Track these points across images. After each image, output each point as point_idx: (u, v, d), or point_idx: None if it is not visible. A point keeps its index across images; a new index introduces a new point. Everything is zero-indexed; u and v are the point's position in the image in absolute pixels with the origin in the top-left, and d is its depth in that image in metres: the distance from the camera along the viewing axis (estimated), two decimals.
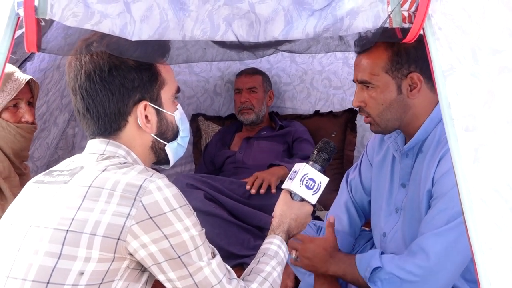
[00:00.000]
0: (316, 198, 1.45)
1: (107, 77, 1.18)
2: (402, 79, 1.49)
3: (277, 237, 1.39)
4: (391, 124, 1.54)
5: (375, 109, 1.53)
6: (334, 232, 1.70)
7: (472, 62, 1.06)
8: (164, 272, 1.11)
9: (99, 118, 1.21)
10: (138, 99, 1.22)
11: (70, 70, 1.23)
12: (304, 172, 1.44)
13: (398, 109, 1.51)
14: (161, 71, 1.25)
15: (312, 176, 1.44)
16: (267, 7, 1.07)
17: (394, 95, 1.50)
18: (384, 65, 1.48)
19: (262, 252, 1.36)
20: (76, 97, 1.22)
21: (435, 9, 1.07)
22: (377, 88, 1.50)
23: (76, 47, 1.18)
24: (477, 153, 1.03)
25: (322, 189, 1.45)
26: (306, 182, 1.43)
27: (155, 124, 1.26)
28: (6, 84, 1.74)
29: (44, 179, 1.19)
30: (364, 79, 1.51)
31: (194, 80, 3.18)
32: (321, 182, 1.45)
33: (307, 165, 1.45)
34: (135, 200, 1.06)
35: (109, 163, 1.15)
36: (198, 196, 2.30)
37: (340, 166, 3.05)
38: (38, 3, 1.02)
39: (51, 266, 1.03)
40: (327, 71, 3.08)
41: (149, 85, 1.22)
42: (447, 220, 1.42)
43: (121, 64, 1.18)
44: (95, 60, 1.18)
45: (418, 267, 1.44)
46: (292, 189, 1.44)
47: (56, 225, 1.06)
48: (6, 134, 1.79)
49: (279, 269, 1.33)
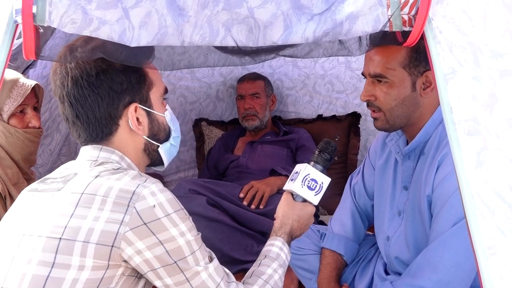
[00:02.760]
0: (318, 198, 1.44)
1: (95, 81, 1.17)
2: (418, 76, 1.47)
3: (279, 239, 1.38)
4: (400, 121, 1.53)
5: (387, 104, 1.50)
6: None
7: (474, 66, 1.05)
8: (160, 278, 1.10)
9: (90, 124, 1.20)
10: (128, 101, 1.21)
11: (55, 78, 1.21)
12: (306, 173, 1.42)
13: (409, 106, 1.50)
14: (148, 72, 1.24)
15: (314, 177, 1.43)
16: (266, 11, 1.06)
17: (408, 91, 1.48)
18: (402, 60, 1.46)
19: (263, 255, 1.34)
20: (64, 105, 1.21)
21: (435, 12, 1.06)
22: (391, 83, 1.48)
23: (60, 54, 1.16)
24: (479, 157, 1.02)
25: (324, 189, 1.44)
26: (308, 183, 1.42)
27: (146, 126, 1.25)
28: (13, 91, 1.76)
29: (38, 187, 1.18)
30: (379, 72, 1.49)
31: (197, 85, 3.18)
32: (323, 183, 1.43)
33: (308, 165, 1.44)
34: (129, 206, 1.05)
35: (103, 169, 1.14)
36: (200, 201, 2.29)
37: (344, 170, 3.05)
38: (36, 10, 1.02)
39: (45, 275, 1.02)
40: (329, 75, 3.08)
41: (137, 87, 1.22)
42: (450, 227, 1.40)
43: (108, 67, 1.17)
44: (81, 65, 1.17)
45: (428, 281, 1.42)
46: (294, 190, 1.43)
47: (49, 233, 1.05)
48: (15, 140, 1.80)
49: (281, 272, 1.31)
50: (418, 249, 1.53)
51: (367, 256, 1.85)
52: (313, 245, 1.89)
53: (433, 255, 1.42)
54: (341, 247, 1.82)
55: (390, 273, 1.70)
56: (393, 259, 1.64)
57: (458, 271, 1.39)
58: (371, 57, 1.51)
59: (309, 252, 1.88)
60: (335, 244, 1.83)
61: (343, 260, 1.82)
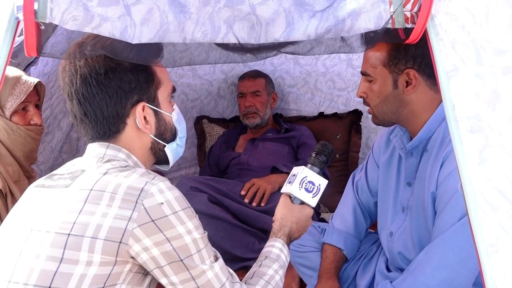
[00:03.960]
0: (316, 200, 1.45)
1: (104, 80, 1.17)
2: (399, 74, 1.50)
3: (279, 240, 1.39)
4: (388, 117, 1.57)
5: (373, 101, 1.57)
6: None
7: (476, 63, 1.04)
8: (166, 275, 1.11)
9: (98, 122, 1.20)
10: (136, 100, 1.21)
11: (64, 75, 1.22)
12: (303, 175, 1.44)
13: (394, 103, 1.53)
14: (156, 71, 1.24)
15: (311, 179, 1.44)
16: (268, 8, 1.06)
17: (390, 89, 1.52)
18: (383, 59, 1.51)
19: (264, 255, 1.35)
20: (72, 102, 1.22)
21: (438, 9, 1.06)
22: (375, 80, 1.54)
23: (69, 51, 1.16)
24: (482, 154, 1.02)
25: (321, 191, 1.45)
26: (305, 185, 1.43)
27: (153, 125, 1.25)
28: (15, 88, 1.76)
29: (45, 183, 1.18)
30: (364, 70, 1.56)
31: (198, 83, 3.18)
32: (320, 185, 1.44)
33: (305, 168, 1.45)
34: (137, 203, 1.06)
35: (110, 166, 1.15)
36: (202, 199, 2.30)
37: (345, 168, 3.04)
38: (38, 7, 1.02)
39: (53, 271, 1.03)
40: (331, 72, 3.07)
41: (146, 86, 1.22)
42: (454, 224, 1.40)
43: (117, 66, 1.18)
44: (90, 63, 1.18)
45: (432, 279, 1.42)
46: (291, 192, 1.44)
47: (58, 229, 1.06)
48: (17, 137, 1.81)
49: (281, 272, 1.32)
50: (422, 245, 1.53)
51: (369, 253, 1.85)
52: (315, 242, 1.89)
53: (436, 252, 1.42)
54: (341, 242, 1.82)
55: (392, 269, 1.70)
56: (396, 255, 1.65)
57: (462, 268, 1.39)
58: (364, 55, 1.57)
59: (310, 249, 1.88)
60: (335, 238, 1.83)
61: (342, 254, 1.82)
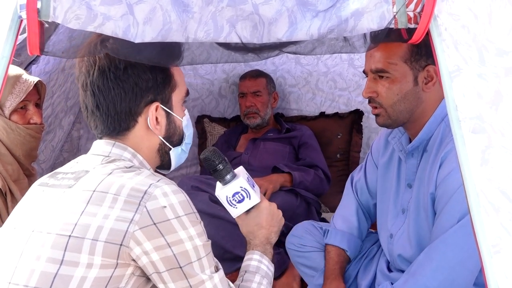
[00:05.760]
0: (256, 196, 1.39)
1: (122, 75, 1.16)
2: (419, 71, 1.48)
3: (256, 252, 1.37)
4: (402, 116, 1.53)
5: (389, 99, 1.51)
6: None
7: (479, 63, 1.04)
8: (164, 282, 1.08)
9: (109, 116, 1.19)
10: (150, 100, 1.20)
11: (81, 65, 1.20)
12: (224, 197, 1.38)
13: (412, 101, 1.50)
14: (174, 74, 1.24)
15: (232, 192, 1.38)
16: (270, 8, 1.06)
17: (410, 86, 1.49)
18: (403, 55, 1.47)
19: (244, 270, 1.33)
20: (86, 93, 1.20)
21: (441, 9, 1.06)
22: (393, 78, 1.49)
23: (89, 41, 1.14)
24: (485, 155, 1.02)
25: (248, 186, 1.38)
26: (236, 200, 1.38)
27: (164, 127, 1.25)
28: (15, 87, 1.76)
29: (48, 181, 1.17)
30: (380, 67, 1.50)
31: (199, 82, 3.18)
32: (241, 186, 1.38)
33: (220, 190, 1.39)
34: (139, 205, 1.04)
35: (115, 167, 1.13)
36: (203, 198, 2.30)
37: (346, 168, 3.04)
38: (41, 6, 1.02)
39: (53, 273, 1.02)
40: (332, 72, 3.07)
41: (162, 86, 1.22)
42: (454, 225, 1.39)
43: (136, 63, 1.16)
44: (110, 57, 1.16)
45: (433, 280, 1.41)
46: (234, 215, 1.42)
47: (59, 230, 1.05)
48: (16, 136, 1.80)
49: (265, 282, 1.30)
50: (421, 246, 1.52)
51: (370, 253, 1.86)
52: (316, 242, 1.89)
53: (436, 253, 1.42)
54: (344, 242, 1.82)
55: (393, 270, 1.70)
56: (396, 257, 1.64)
57: (462, 269, 1.39)
58: (372, 54, 1.52)
59: (312, 249, 1.88)
60: (338, 239, 1.83)
61: (346, 255, 1.82)
